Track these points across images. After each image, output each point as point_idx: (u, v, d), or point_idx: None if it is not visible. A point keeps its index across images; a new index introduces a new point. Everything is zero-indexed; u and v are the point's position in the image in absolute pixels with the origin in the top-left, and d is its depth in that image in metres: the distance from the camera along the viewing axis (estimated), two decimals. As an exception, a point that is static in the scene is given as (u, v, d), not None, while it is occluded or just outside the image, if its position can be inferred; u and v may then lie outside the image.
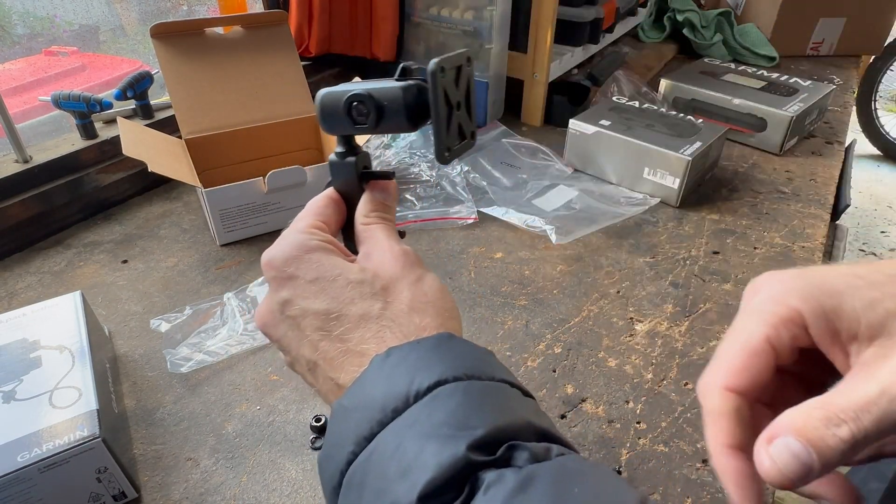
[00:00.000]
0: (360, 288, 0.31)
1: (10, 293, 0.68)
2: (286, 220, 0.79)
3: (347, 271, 0.31)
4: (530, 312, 0.66)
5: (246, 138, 0.84)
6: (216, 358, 0.59)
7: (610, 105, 0.96)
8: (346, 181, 0.36)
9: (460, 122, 0.33)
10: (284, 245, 0.32)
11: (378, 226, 0.34)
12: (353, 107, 0.33)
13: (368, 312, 0.30)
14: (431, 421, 0.24)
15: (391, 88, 0.32)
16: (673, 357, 0.60)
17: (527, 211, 0.82)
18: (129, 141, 0.69)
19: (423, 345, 0.28)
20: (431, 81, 0.30)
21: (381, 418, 0.25)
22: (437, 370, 0.26)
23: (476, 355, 0.28)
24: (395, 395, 0.25)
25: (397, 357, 0.27)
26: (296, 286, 0.31)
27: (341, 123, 0.34)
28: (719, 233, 0.79)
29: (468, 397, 0.25)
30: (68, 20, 1.68)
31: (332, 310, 0.30)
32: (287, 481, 0.48)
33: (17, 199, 0.74)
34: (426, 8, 1.04)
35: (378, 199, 0.35)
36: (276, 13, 0.85)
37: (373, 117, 0.32)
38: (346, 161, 0.36)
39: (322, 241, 0.32)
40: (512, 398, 0.27)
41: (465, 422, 0.24)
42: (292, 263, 0.31)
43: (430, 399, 0.25)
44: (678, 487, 0.47)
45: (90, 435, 0.42)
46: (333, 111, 0.33)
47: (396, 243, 0.33)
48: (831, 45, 1.45)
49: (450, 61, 0.31)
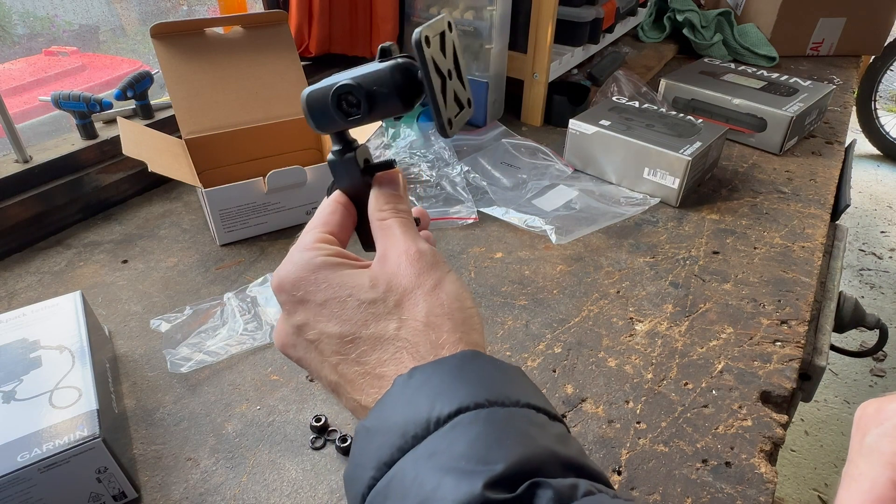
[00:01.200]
0: (372, 308, 0.30)
1: (10, 293, 0.68)
2: (286, 220, 0.79)
3: (358, 290, 0.30)
4: (530, 312, 0.66)
5: (246, 138, 0.84)
6: (216, 358, 0.59)
7: (610, 105, 0.96)
8: (349, 179, 0.35)
9: (455, 91, 0.32)
10: (291, 266, 0.31)
11: (394, 220, 0.33)
12: (341, 99, 0.31)
13: (384, 334, 0.29)
14: (451, 452, 0.23)
15: (377, 71, 0.30)
16: (673, 357, 0.60)
17: (527, 211, 0.82)
18: (129, 141, 0.69)
19: (445, 365, 0.27)
20: (419, 53, 0.28)
21: (401, 444, 0.25)
22: (458, 395, 0.25)
23: (501, 377, 0.27)
24: (415, 421, 0.25)
25: (420, 379, 0.26)
26: (308, 310, 0.30)
27: (332, 119, 0.32)
28: (719, 233, 0.79)
29: (489, 427, 0.24)
30: (68, 20, 1.68)
31: (347, 333, 0.30)
32: (287, 481, 0.48)
33: (17, 199, 0.74)
34: (426, 8, 1.04)
35: (388, 191, 0.34)
36: (276, 13, 0.85)
37: (364, 106, 0.31)
38: (345, 158, 0.34)
39: (328, 257, 0.31)
40: (536, 425, 0.25)
41: (485, 455, 0.23)
42: (301, 286, 0.31)
43: (450, 428, 0.24)
44: (678, 487, 0.47)
45: (90, 435, 0.42)
46: (322, 108, 0.32)
47: (413, 242, 0.32)
48: (831, 45, 1.45)
49: (432, 29, 0.30)
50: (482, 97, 1.04)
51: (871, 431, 0.25)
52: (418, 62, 0.29)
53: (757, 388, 0.56)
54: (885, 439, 0.24)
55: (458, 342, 0.29)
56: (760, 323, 0.64)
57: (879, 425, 0.25)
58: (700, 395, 0.56)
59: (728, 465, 0.49)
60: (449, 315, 0.30)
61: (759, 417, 0.53)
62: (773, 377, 0.57)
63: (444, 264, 0.32)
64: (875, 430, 0.25)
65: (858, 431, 0.26)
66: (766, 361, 0.59)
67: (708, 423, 0.53)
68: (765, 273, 0.71)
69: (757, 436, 0.51)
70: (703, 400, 0.55)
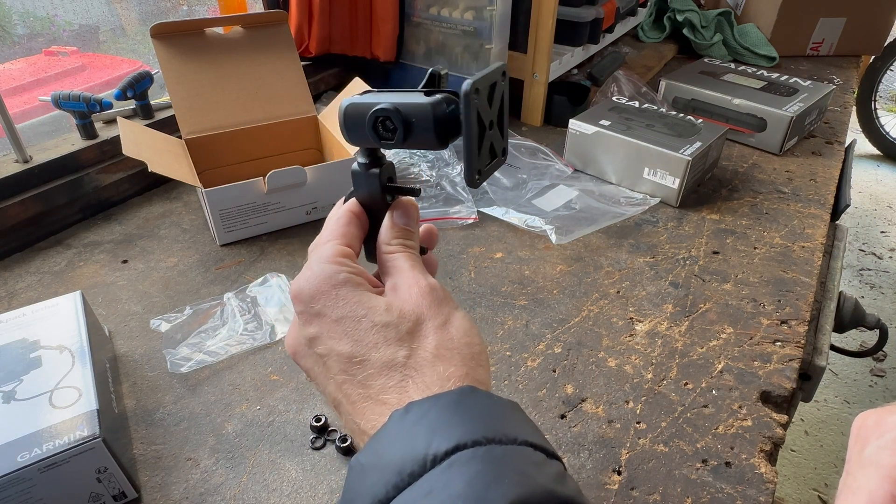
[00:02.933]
0: (385, 332, 0.30)
1: (10, 293, 0.68)
2: (286, 220, 0.79)
3: (373, 312, 0.30)
4: (530, 312, 0.66)
5: (246, 138, 0.84)
6: (216, 358, 0.59)
7: (610, 105, 0.96)
8: (369, 193, 0.35)
9: (492, 142, 0.32)
10: (312, 278, 0.31)
11: (402, 255, 0.33)
12: (378, 121, 0.31)
13: (393, 360, 0.29)
14: (448, 492, 0.23)
15: (420, 104, 0.30)
16: (673, 357, 0.60)
17: (527, 211, 0.82)
18: (129, 141, 0.69)
19: (442, 401, 0.27)
20: (465, 104, 0.28)
21: (396, 482, 0.24)
22: (456, 432, 0.25)
23: (498, 413, 0.27)
24: (412, 458, 0.24)
25: (416, 414, 0.26)
26: (322, 324, 0.31)
27: (365, 137, 0.32)
28: (719, 233, 0.79)
29: (487, 466, 0.24)
30: (68, 20, 1.68)
31: (356, 354, 0.30)
32: (287, 481, 0.48)
33: (17, 199, 0.74)
34: (426, 8, 1.04)
35: (400, 224, 0.34)
36: (276, 13, 0.85)
37: (400, 134, 0.31)
38: (369, 173, 0.34)
39: (350, 274, 0.31)
40: (534, 464, 0.25)
41: (484, 495, 0.23)
42: (320, 299, 0.31)
43: (447, 466, 0.24)
44: (678, 487, 0.47)
45: (90, 435, 0.42)
46: (357, 124, 0.32)
47: (423, 276, 0.32)
48: (831, 45, 1.45)
49: (485, 80, 0.29)
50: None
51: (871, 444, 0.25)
52: (462, 112, 0.28)
53: (757, 388, 0.56)
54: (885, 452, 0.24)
55: (464, 377, 0.29)
56: (760, 323, 0.64)
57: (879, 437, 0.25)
58: (700, 395, 0.56)
59: (728, 465, 0.49)
60: (458, 350, 0.30)
61: (759, 417, 0.53)
62: (773, 377, 0.57)
63: (453, 300, 0.32)
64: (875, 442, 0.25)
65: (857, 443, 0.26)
66: (766, 361, 0.59)
67: (708, 423, 0.53)
68: (765, 273, 0.71)
69: (757, 436, 0.51)
70: (703, 400, 0.55)
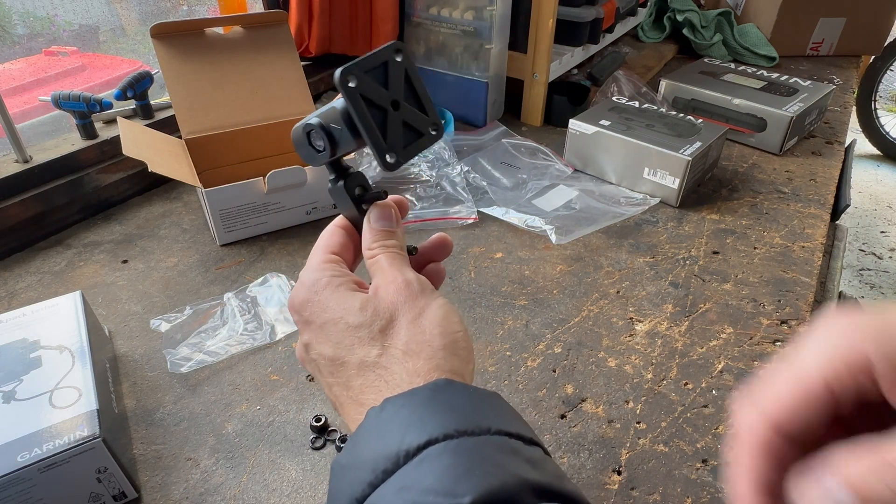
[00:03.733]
0: (358, 332, 0.30)
1: (10, 293, 0.68)
2: (286, 220, 0.79)
3: (349, 313, 0.31)
4: (530, 312, 0.66)
5: (246, 138, 0.84)
6: (216, 358, 0.59)
7: (610, 105, 0.96)
8: (345, 206, 0.35)
9: (405, 121, 0.31)
10: (300, 288, 0.33)
11: (382, 255, 0.34)
12: (308, 135, 0.32)
13: (366, 360, 0.30)
14: (419, 486, 0.23)
15: (331, 109, 0.30)
16: (673, 357, 0.60)
17: (527, 211, 0.82)
18: (129, 141, 0.69)
19: (417, 396, 0.27)
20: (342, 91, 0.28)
21: (371, 479, 0.25)
22: (427, 427, 0.25)
23: (472, 405, 0.27)
24: (385, 455, 0.25)
25: (390, 412, 0.27)
26: (311, 330, 0.32)
27: (310, 154, 0.33)
28: (719, 233, 0.79)
29: (457, 458, 0.24)
30: (68, 20, 1.68)
31: (337, 357, 0.31)
32: (287, 481, 0.48)
33: (17, 199, 0.74)
34: (426, 8, 1.04)
35: (377, 227, 0.34)
36: (276, 13, 0.85)
37: (327, 144, 0.31)
38: (337, 187, 0.34)
39: (332, 277, 0.32)
40: (508, 452, 0.25)
41: (453, 488, 0.23)
42: (307, 307, 0.32)
43: (419, 461, 0.24)
44: (678, 487, 0.47)
45: (90, 435, 0.42)
46: (299, 142, 0.33)
47: (400, 272, 0.32)
48: (831, 45, 1.45)
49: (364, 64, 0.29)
50: (482, 97, 1.04)
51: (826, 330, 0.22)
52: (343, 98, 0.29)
53: (757, 388, 0.56)
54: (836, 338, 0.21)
55: (433, 370, 0.29)
56: (760, 323, 0.64)
57: None
58: (700, 395, 0.56)
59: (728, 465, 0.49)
60: (429, 342, 0.30)
61: (759, 417, 0.53)
62: (773, 377, 0.57)
63: (433, 292, 0.33)
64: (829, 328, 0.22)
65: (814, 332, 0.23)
66: (766, 361, 0.59)
67: (708, 422, 0.53)
68: (765, 273, 0.71)
69: (757, 436, 0.51)
70: (703, 400, 0.55)
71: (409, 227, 0.80)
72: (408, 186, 0.87)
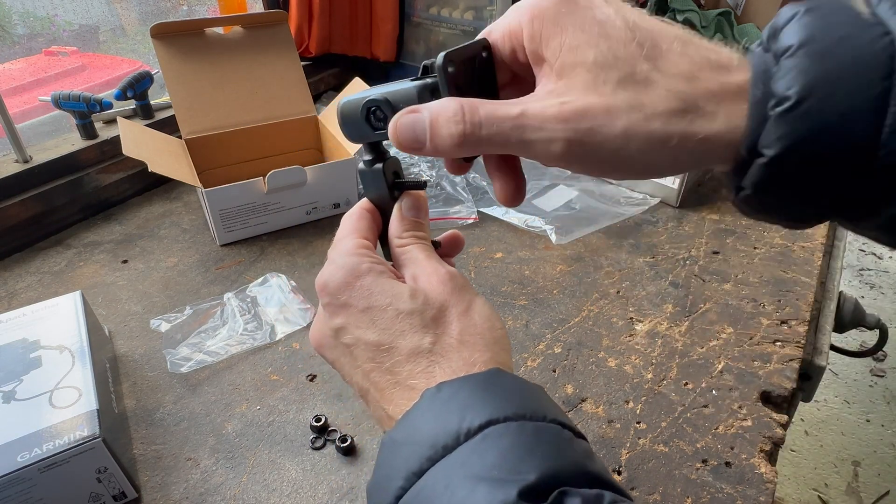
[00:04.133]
0: (410, 319, 0.30)
1: (10, 293, 0.68)
2: (286, 220, 0.79)
3: (398, 300, 0.31)
4: (530, 312, 0.66)
5: (246, 138, 0.84)
6: (216, 358, 0.59)
7: None
8: (376, 190, 0.35)
9: None
10: (336, 270, 0.32)
11: (415, 246, 0.34)
12: (370, 112, 0.32)
13: (419, 346, 0.30)
14: (483, 462, 0.24)
15: (406, 89, 0.31)
16: (673, 357, 0.60)
17: (527, 211, 0.82)
18: (129, 141, 0.69)
19: (473, 380, 0.27)
20: (440, 74, 0.29)
21: (430, 455, 0.25)
22: (488, 408, 0.25)
23: (527, 393, 0.28)
24: (445, 432, 0.25)
25: (448, 392, 0.27)
26: (349, 314, 0.31)
27: (362, 130, 0.33)
28: (719, 233, 0.79)
29: (520, 439, 0.25)
30: (68, 20, 1.68)
31: (384, 342, 0.30)
32: (287, 481, 0.48)
33: (17, 199, 0.74)
34: (426, 8, 1.04)
35: (409, 216, 0.35)
36: (276, 13, 0.85)
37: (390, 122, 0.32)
38: (373, 169, 0.35)
39: (373, 263, 0.32)
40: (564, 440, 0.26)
41: (517, 466, 0.23)
42: (345, 291, 0.31)
43: (481, 439, 0.25)
44: (678, 487, 0.47)
45: (90, 435, 0.42)
46: (353, 118, 0.33)
47: (440, 265, 0.33)
48: (831, 45, 1.45)
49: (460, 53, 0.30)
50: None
51: None
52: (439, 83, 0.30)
53: (757, 388, 0.56)
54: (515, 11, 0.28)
55: (489, 361, 0.30)
56: (760, 323, 0.64)
57: None
58: (700, 395, 0.56)
59: (728, 465, 0.49)
60: (481, 335, 0.30)
61: (759, 417, 0.53)
62: (773, 377, 0.57)
63: (472, 288, 0.33)
64: None
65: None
66: (766, 361, 0.59)
67: (708, 423, 0.53)
68: (765, 273, 0.71)
69: (757, 436, 0.51)
70: (703, 400, 0.55)
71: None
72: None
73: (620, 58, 0.24)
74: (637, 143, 0.24)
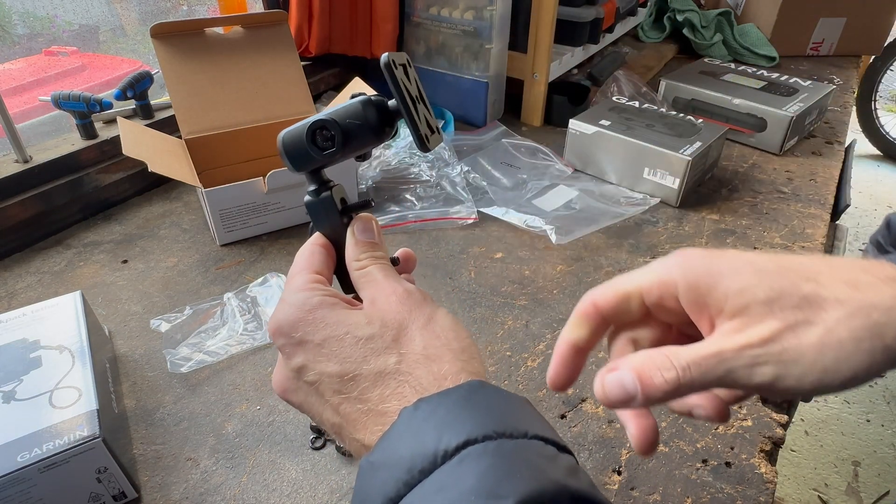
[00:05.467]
0: (370, 344, 0.30)
1: (10, 293, 0.68)
2: (286, 220, 0.79)
3: (355, 327, 0.30)
4: (530, 312, 0.66)
5: (246, 138, 0.84)
6: (216, 358, 0.59)
7: (610, 105, 0.96)
8: (328, 220, 0.35)
9: (425, 116, 0.33)
10: (287, 308, 0.31)
11: (373, 267, 0.33)
12: (316, 133, 0.32)
13: (384, 369, 0.29)
14: (460, 487, 0.23)
15: (349, 105, 0.32)
16: (673, 357, 0.60)
17: (527, 211, 0.82)
18: (129, 141, 0.69)
19: (451, 396, 0.27)
20: (388, 73, 0.30)
21: (407, 479, 0.24)
22: (466, 427, 0.25)
23: (508, 407, 0.27)
24: (422, 455, 0.24)
25: (426, 411, 0.26)
26: (307, 351, 0.30)
27: (308, 156, 0.33)
28: (719, 233, 0.79)
29: (498, 460, 0.24)
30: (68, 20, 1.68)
31: (347, 371, 0.29)
32: (287, 481, 0.48)
33: (17, 199, 0.74)
34: (426, 8, 1.04)
35: (363, 238, 0.34)
36: (276, 13, 0.85)
37: (339, 138, 0.32)
38: (322, 198, 0.34)
39: (324, 296, 0.31)
40: (546, 458, 0.25)
41: (495, 489, 0.23)
42: (299, 327, 0.31)
43: (458, 461, 0.24)
44: (678, 487, 0.47)
45: (90, 435, 0.42)
46: (297, 145, 0.33)
47: (398, 283, 0.32)
48: (831, 45, 1.45)
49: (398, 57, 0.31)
50: (482, 97, 1.04)
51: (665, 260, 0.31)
52: (388, 80, 0.30)
53: (757, 388, 0.56)
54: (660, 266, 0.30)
55: (460, 372, 0.29)
56: (760, 323, 0.64)
57: None
58: (700, 395, 0.55)
59: (728, 465, 0.49)
60: (447, 346, 0.30)
61: (759, 417, 0.53)
62: (773, 377, 0.57)
63: (432, 301, 0.33)
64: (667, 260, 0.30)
65: None
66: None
67: (708, 423, 0.53)
68: (765, 273, 0.71)
69: (757, 436, 0.51)
70: (703, 400, 0.55)
71: (408, 228, 0.80)
72: (408, 186, 0.87)
73: (785, 288, 0.27)
74: (832, 352, 0.25)
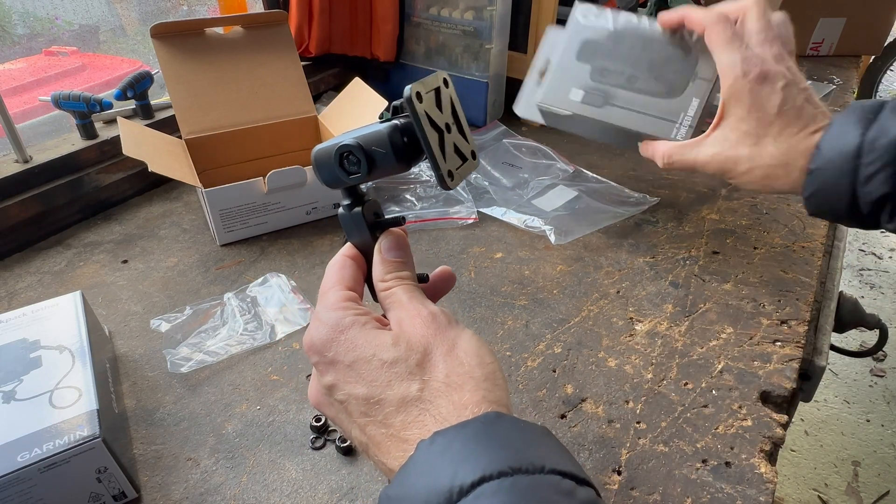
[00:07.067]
0: (395, 368, 0.30)
1: (10, 293, 0.68)
2: (286, 220, 0.79)
3: (381, 350, 0.30)
4: (530, 312, 0.66)
5: (246, 138, 0.84)
6: (216, 358, 0.59)
7: (581, 36, 0.71)
8: (358, 234, 0.35)
9: (455, 144, 0.32)
10: (321, 327, 0.32)
11: (398, 288, 0.33)
12: (343, 158, 0.32)
13: (407, 395, 0.29)
14: None
15: (376, 131, 0.31)
16: (673, 357, 0.60)
17: (526, 211, 0.82)
18: (129, 141, 0.69)
19: (468, 429, 0.26)
20: (410, 108, 0.29)
21: None
22: (481, 463, 0.25)
23: (525, 440, 0.26)
24: (437, 491, 0.24)
25: (441, 445, 0.26)
26: (337, 371, 0.31)
27: (337, 177, 0.33)
28: (719, 233, 0.79)
29: (513, 498, 0.23)
30: (68, 20, 1.68)
31: (372, 395, 0.30)
32: (287, 481, 0.48)
33: (17, 199, 0.74)
34: (426, 8, 1.04)
35: (390, 257, 0.34)
36: (276, 13, 0.85)
37: (364, 166, 0.32)
38: (353, 213, 0.35)
39: (357, 316, 0.32)
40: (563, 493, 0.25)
41: None
42: (331, 347, 0.31)
43: (474, 499, 0.24)
44: (678, 487, 0.47)
45: (90, 435, 0.42)
46: (327, 164, 0.33)
47: (423, 305, 0.32)
48: (831, 45, 1.45)
49: (425, 85, 0.31)
50: (482, 97, 1.04)
51: None
52: (411, 116, 0.30)
53: (757, 388, 0.56)
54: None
55: (480, 402, 0.29)
56: (760, 323, 0.64)
57: None
58: (700, 395, 0.56)
59: (728, 465, 0.49)
60: (470, 374, 0.30)
61: (759, 417, 0.53)
62: (773, 377, 0.57)
63: (458, 323, 0.32)
64: None
65: None
66: (766, 361, 0.59)
67: (708, 423, 0.53)
68: (765, 273, 0.71)
69: (757, 436, 0.51)
70: (703, 400, 0.55)
71: (408, 228, 0.80)
72: (408, 186, 0.87)
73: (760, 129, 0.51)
74: None
